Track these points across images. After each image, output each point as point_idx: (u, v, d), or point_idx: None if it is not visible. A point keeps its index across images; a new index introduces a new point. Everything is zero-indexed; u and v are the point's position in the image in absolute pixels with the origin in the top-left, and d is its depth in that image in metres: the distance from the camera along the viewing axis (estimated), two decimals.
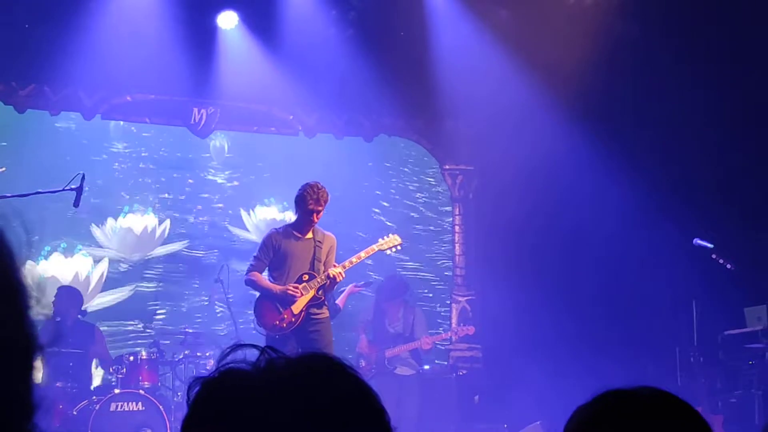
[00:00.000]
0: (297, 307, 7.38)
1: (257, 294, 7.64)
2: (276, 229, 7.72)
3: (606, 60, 9.79)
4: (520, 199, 10.60)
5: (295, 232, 7.50)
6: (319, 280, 7.40)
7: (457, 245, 11.40)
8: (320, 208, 7.32)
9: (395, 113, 10.99)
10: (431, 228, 11.54)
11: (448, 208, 11.58)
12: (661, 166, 10.27)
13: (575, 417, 1.59)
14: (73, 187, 7.17)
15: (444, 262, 11.46)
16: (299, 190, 7.38)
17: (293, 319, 7.38)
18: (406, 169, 11.64)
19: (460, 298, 11.22)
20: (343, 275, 7.49)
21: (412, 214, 11.55)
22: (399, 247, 8.15)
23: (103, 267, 10.23)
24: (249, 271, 7.55)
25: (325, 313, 7.49)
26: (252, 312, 7.69)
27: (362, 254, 7.79)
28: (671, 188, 10.19)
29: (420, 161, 11.66)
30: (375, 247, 7.92)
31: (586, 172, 10.09)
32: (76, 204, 7.29)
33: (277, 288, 7.41)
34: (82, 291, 9.42)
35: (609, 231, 10.15)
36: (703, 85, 9.71)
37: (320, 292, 7.44)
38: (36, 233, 9.39)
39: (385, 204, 11.33)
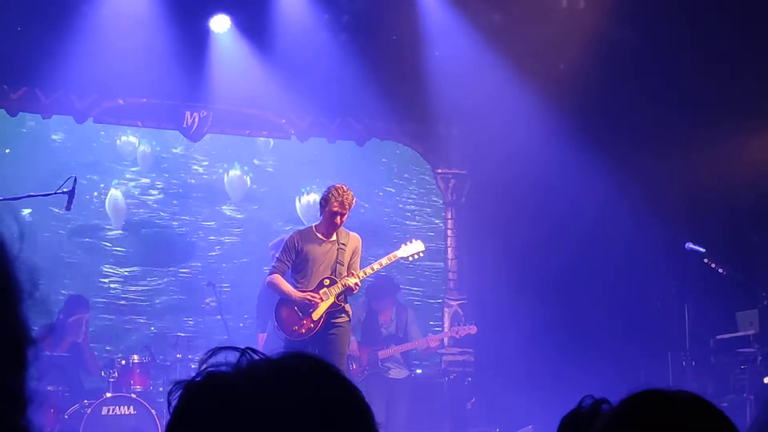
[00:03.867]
0: (317, 314, 7.30)
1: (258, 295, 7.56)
2: (299, 230, 7.59)
3: (598, 64, 9.81)
4: (513, 203, 10.61)
5: (318, 234, 7.39)
6: (339, 286, 7.32)
7: (449, 249, 11.39)
8: (344, 211, 7.23)
9: (388, 117, 10.99)
10: (423, 232, 11.52)
11: (441, 211, 11.58)
12: (652, 170, 10.29)
13: (612, 416, 1.56)
14: (65, 190, 7.15)
15: (436, 266, 11.44)
16: (324, 191, 7.30)
17: (312, 326, 7.31)
18: (398, 173, 11.64)
19: (453, 302, 11.21)
20: (360, 284, 7.42)
21: (405, 218, 11.55)
22: (422, 254, 8.05)
23: None
24: (271, 273, 7.47)
25: (344, 317, 7.42)
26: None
27: (383, 261, 7.71)
28: (664, 192, 10.21)
29: (412, 165, 11.67)
30: (397, 254, 7.83)
31: (578, 176, 10.10)
32: (68, 207, 7.27)
33: (297, 295, 7.32)
34: None
35: (601, 235, 10.16)
36: (696, 87, 9.73)
37: (340, 299, 7.35)
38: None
39: (377, 208, 11.32)
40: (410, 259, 8.04)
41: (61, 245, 10.31)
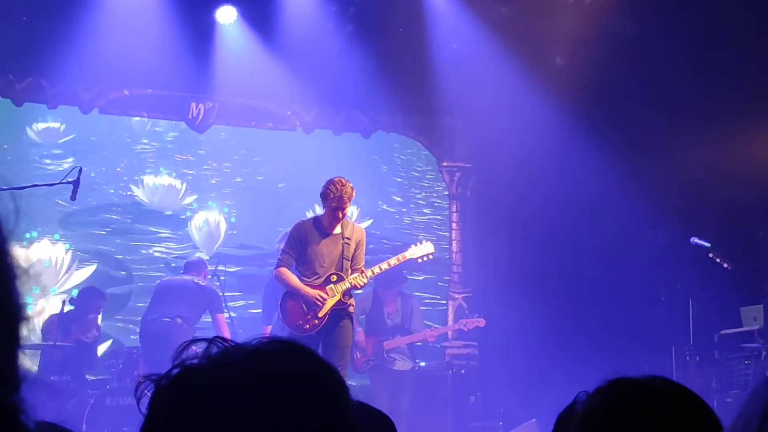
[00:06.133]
0: (322, 312, 7.27)
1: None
2: (303, 220, 7.54)
3: (605, 57, 9.77)
4: (518, 197, 10.59)
5: (322, 227, 7.35)
6: (346, 283, 7.29)
7: (454, 242, 11.38)
8: (344, 205, 7.16)
9: (393, 110, 10.98)
10: (428, 225, 11.52)
11: (446, 205, 11.57)
12: (658, 164, 10.26)
13: (587, 404, 1.57)
14: (70, 180, 7.15)
15: (441, 260, 11.43)
16: (323, 186, 7.24)
17: (317, 322, 7.28)
18: (403, 166, 11.63)
19: (457, 296, 11.21)
20: (367, 283, 7.46)
21: (410, 211, 11.54)
22: (431, 256, 8.02)
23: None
24: (278, 265, 7.40)
25: (349, 310, 7.40)
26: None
27: (392, 261, 7.67)
28: (670, 186, 10.18)
29: (418, 158, 11.66)
30: (406, 255, 7.80)
31: (584, 169, 10.08)
32: (73, 197, 7.28)
33: (307, 291, 7.25)
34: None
35: (606, 229, 10.14)
36: (703, 80, 9.69)
37: (346, 297, 7.34)
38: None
39: (381, 201, 11.32)
40: (419, 260, 8.01)
41: None
